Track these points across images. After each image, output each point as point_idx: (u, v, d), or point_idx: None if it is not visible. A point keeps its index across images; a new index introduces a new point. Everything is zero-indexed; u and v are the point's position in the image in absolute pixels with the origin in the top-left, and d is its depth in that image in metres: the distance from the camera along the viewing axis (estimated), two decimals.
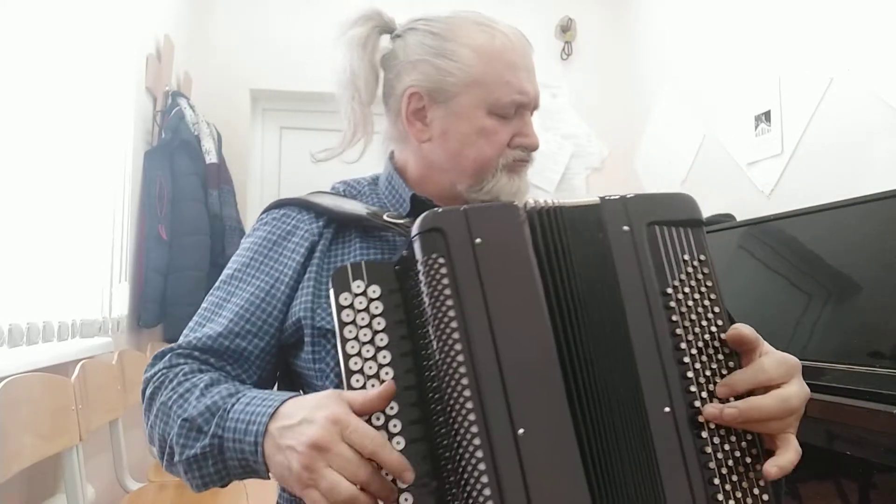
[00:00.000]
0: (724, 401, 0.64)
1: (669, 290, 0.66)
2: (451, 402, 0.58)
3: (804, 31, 2.27)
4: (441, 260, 0.61)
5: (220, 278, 0.85)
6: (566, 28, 3.62)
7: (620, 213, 0.67)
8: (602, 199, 0.68)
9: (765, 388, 0.65)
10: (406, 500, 0.59)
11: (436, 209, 0.65)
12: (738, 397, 0.64)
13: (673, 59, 3.18)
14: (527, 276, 0.63)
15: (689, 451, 0.62)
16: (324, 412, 0.60)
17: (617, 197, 0.68)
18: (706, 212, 2.57)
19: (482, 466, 0.56)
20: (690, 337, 0.65)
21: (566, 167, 3.56)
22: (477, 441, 0.57)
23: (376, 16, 0.89)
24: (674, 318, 0.65)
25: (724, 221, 2.28)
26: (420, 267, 0.62)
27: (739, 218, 2.34)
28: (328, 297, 0.78)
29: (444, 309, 0.60)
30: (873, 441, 1.26)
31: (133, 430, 2.31)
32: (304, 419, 0.61)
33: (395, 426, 0.61)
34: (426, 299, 0.61)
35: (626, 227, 0.66)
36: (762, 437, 0.65)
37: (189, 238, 2.65)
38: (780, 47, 2.39)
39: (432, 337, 0.60)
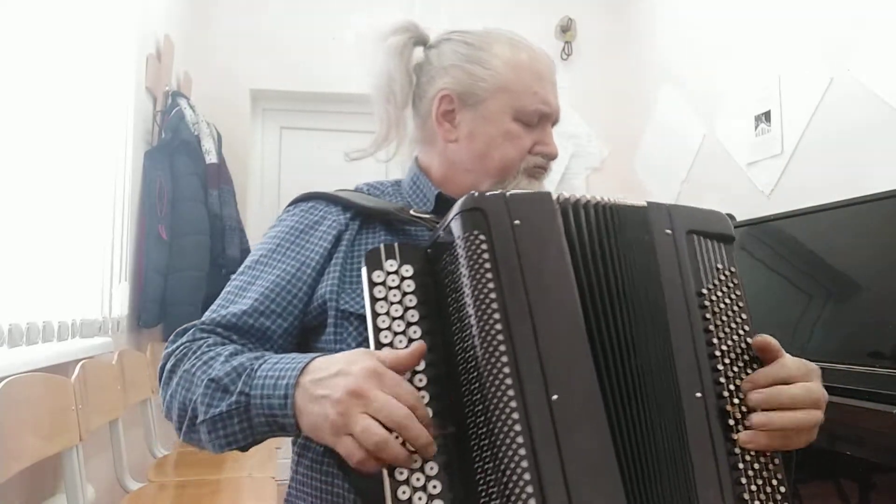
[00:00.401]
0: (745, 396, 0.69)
1: (704, 291, 0.72)
2: (489, 366, 0.60)
3: (804, 31, 2.27)
4: (482, 237, 0.64)
5: (245, 264, 0.87)
6: (566, 28, 3.62)
7: (664, 218, 0.73)
8: (649, 203, 0.74)
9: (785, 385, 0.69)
10: (431, 468, 0.61)
11: (474, 192, 0.67)
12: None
13: (673, 59, 3.18)
14: (560, 258, 0.66)
15: (717, 434, 0.66)
16: (359, 365, 0.62)
17: (661, 203, 0.75)
18: None
19: (518, 427, 0.58)
20: (721, 335, 0.71)
21: (566, 167, 3.56)
22: (513, 403, 0.59)
23: (413, 27, 0.95)
24: (707, 316, 0.71)
25: None
26: (460, 242, 0.65)
27: (739, 218, 2.34)
28: (353, 282, 0.82)
29: (483, 281, 0.63)
30: (873, 441, 1.26)
31: (133, 430, 2.31)
32: (339, 371, 0.63)
33: (422, 396, 0.63)
34: (464, 271, 0.64)
35: (668, 231, 0.73)
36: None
37: (189, 238, 2.65)
38: (780, 47, 2.39)
39: (469, 310, 0.62)
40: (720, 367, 0.69)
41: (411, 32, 0.94)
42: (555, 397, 0.60)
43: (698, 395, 0.67)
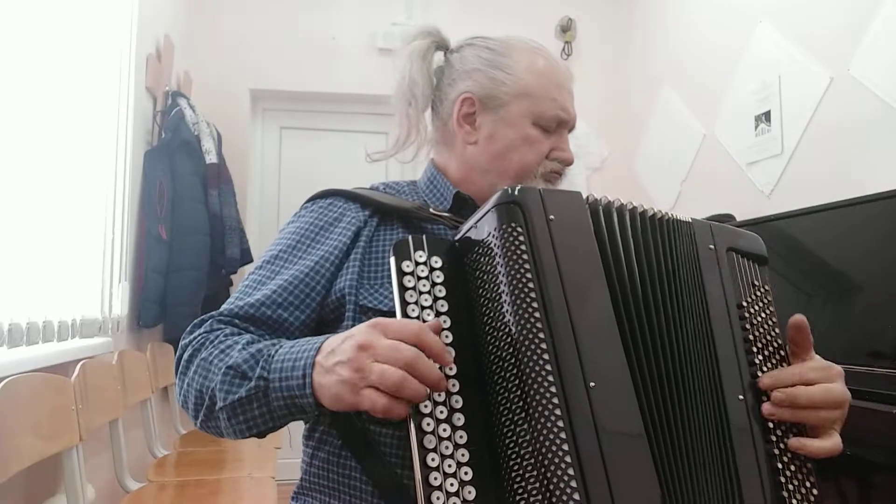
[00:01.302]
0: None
1: (743, 304, 0.76)
2: (528, 353, 0.62)
3: (804, 31, 2.27)
4: (519, 229, 0.66)
5: (263, 259, 0.88)
6: (566, 28, 3.62)
7: (707, 233, 0.79)
8: (693, 219, 0.79)
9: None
10: (463, 455, 0.62)
11: (507, 188, 0.69)
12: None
13: (673, 58, 3.18)
14: (591, 253, 0.69)
15: (757, 435, 0.71)
16: (363, 325, 0.65)
17: (703, 221, 0.80)
18: (706, 212, 2.58)
19: (558, 412, 0.60)
20: (759, 345, 0.75)
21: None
22: (553, 389, 0.60)
23: (435, 32, 0.97)
24: (746, 326, 0.75)
25: (724, 221, 2.28)
26: (497, 234, 0.66)
27: (739, 218, 2.34)
28: (371, 278, 0.84)
29: (522, 271, 0.64)
30: (873, 441, 1.26)
31: (133, 430, 2.31)
32: (346, 338, 0.65)
33: (453, 385, 0.65)
34: (501, 261, 0.65)
35: (711, 246, 0.78)
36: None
37: (189, 238, 2.65)
38: (780, 47, 2.39)
39: (506, 298, 0.64)
40: (759, 373, 0.73)
41: (434, 37, 0.97)
42: (592, 384, 0.62)
43: (740, 397, 0.71)
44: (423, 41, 0.96)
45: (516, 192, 0.68)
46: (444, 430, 0.63)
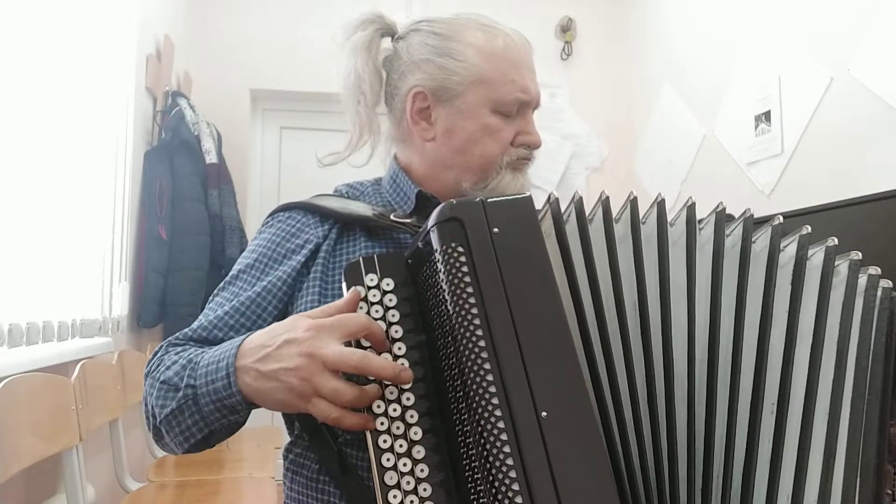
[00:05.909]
0: None
1: None
2: (474, 385, 0.58)
3: (804, 31, 2.27)
4: (460, 248, 0.61)
5: (225, 280, 0.86)
6: (566, 28, 3.62)
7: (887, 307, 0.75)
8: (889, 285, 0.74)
9: None
10: (425, 490, 0.59)
11: (451, 201, 0.64)
12: None
13: (673, 59, 3.18)
14: (544, 266, 0.63)
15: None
16: (301, 328, 0.62)
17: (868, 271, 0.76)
18: (706, 212, 2.57)
19: (507, 449, 0.56)
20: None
21: (566, 167, 3.56)
22: (501, 424, 0.57)
23: (378, 19, 0.90)
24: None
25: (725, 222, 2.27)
26: (438, 256, 0.62)
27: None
28: (335, 295, 0.79)
29: (464, 296, 0.60)
30: None
31: (133, 430, 2.31)
32: (285, 341, 0.63)
33: (411, 417, 0.62)
34: (445, 286, 0.61)
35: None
36: None
37: (189, 238, 2.65)
38: (780, 47, 2.39)
39: (453, 323, 0.60)
40: None
41: (377, 24, 0.89)
42: (544, 414, 0.57)
43: (888, 491, 0.68)
44: (365, 32, 0.88)
45: (456, 207, 0.63)
46: (405, 464, 0.60)
